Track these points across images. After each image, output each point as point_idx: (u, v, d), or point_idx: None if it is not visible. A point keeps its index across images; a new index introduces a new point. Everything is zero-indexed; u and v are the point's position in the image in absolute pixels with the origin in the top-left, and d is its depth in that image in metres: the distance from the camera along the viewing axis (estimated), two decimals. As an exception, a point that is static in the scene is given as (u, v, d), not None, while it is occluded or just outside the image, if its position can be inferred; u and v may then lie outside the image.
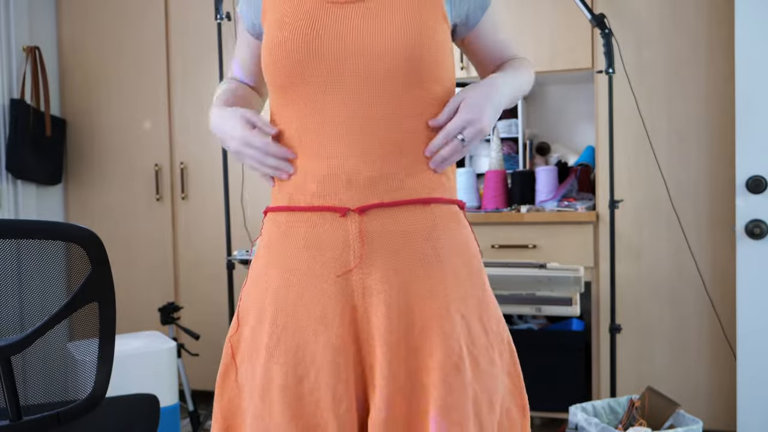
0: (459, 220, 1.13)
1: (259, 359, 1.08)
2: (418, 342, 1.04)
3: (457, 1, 1.14)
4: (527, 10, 2.85)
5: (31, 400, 1.40)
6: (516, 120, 3.06)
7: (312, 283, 1.06)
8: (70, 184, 3.44)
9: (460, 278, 1.08)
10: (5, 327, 1.32)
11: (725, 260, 2.59)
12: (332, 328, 1.04)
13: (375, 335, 1.04)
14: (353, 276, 1.05)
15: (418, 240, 1.06)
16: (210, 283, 3.24)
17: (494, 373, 1.08)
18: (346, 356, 1.04)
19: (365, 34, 1.05)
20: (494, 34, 1.23)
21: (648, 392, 2.28)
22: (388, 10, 1.06)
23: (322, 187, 1.06)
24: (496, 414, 1.08)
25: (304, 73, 1.07)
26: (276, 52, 1.08)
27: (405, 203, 1.06)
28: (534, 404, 2.82)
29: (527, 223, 2.78)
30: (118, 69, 3.35)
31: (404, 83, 1.05)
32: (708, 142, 2.61)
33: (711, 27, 2.59)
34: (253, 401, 1.08)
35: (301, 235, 1.08)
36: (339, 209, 1.06)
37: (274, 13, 1.12)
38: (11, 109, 3.11)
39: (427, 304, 1.05)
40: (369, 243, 1.05)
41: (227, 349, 1.15)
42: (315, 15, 1.07)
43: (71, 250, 1.31)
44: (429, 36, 1.06)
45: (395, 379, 1.02)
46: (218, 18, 2.65)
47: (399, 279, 1.05)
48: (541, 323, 2.99)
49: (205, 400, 3.35)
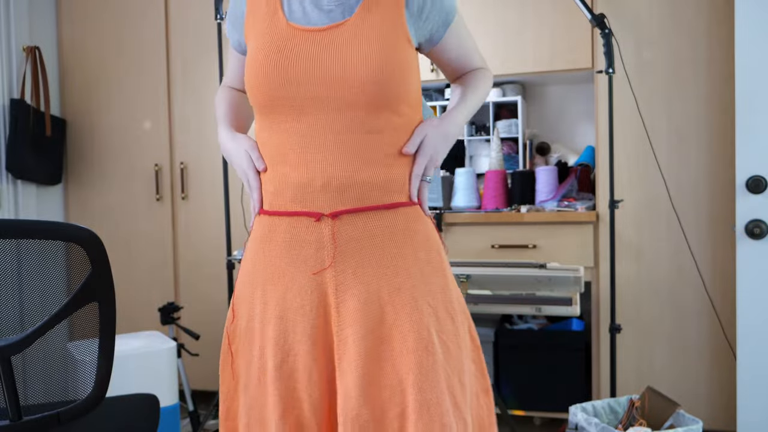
0: (421, 220, 1.25)
1: (254, 350, 1.22)
2: (388, 333, 1.16)
3: (420, 24, 1.24)
4: (527, 10, 2.85)
5: (31, 400, 1.40)
6: (516, 120, 3.06)
7: (293, 279, 1.20)
8: (70, 184, 3.44)
9: (425, 273, 1.21)
10: (5, 327, 1.32)
11: (725, 260, 2.59)
12: (309, 319, 1.18)
13: (346, 327, 1.16)
14: (327, 274, 1.18)
15: (385, 241, 1.19)
16: (210, 283, 3.24)
17: (461, 357, 1.21)
18: (319, 346, 1.18)
19: (333, 62, 1.16)
20: (458, 47, 1.34)
21: (648, 392, 2.28)
22: (355, 39, 1.17)
23: (300, 193, 1.19)
24: (467, 393, 1.20)
25: (278, 96, 1.18)
26: (252, 75, 1.21)
27: (373, 208, 1.19)
28: (534, 404, 2.82)
29: (527, 223, 2.78)
30: (118, 69, 3.35)
31: (372, 106, 1.17)
32: (708, 142, 2.61)
33: (711, 27, 2.59)
34: (248, 392, 1.22)
35: (281, 236, 1.22)
36: (314, 214, 1.18)
37: (254, 38, 1.24)
38: (11, 109, 3.11)
39: (397, 298, 1.17)
40: (341, 244, 1.18)
41: (225, 339, 1.29)
42: (287, 42, 1.19)
43: (71, 250, 1.31)
44: (394, 63, 1.18)
45: (365, 366, 1.14)
46: (218, 18, 2.65)
47: (369, 276, 1.17)
48: (541, 323, 2.99)
49: (205, 400, 3.35)
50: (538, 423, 3.00)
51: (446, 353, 1.17)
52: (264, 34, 1.22)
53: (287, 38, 1.19)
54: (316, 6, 1.21)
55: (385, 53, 1.17)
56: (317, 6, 1.21)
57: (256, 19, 1.25)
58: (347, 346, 1.15)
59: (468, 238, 2.85)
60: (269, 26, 1.22)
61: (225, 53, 3.13)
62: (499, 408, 2.49)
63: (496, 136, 2.98)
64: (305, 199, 1.19)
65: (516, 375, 2.84)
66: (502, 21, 2.89)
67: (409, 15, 1.22)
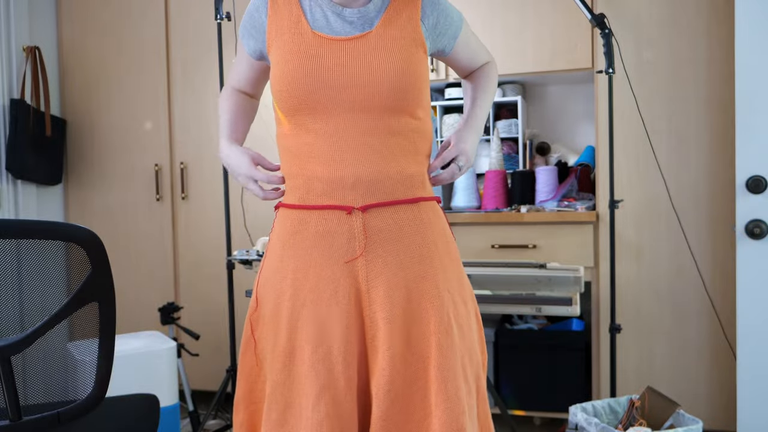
0: (438, 214, 1.38)
1: (281, 334, 1.30)
2: (416, 314, 1.29)
3: (435, 37, 1.39)
4: (527, 10, 2.85)
5: (31, 400, 1.40)
6: (516, 120, 3.06)
7: (326, 268, 1.29)
8: (70, 184, 3.44)
9: (444, 262, 1.34)
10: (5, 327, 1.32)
11: (725, 260, 2.59)
12: (342, 305, 1.28)
13: (377, 310, 1.27)
14: (358, 262, 1.29)
15: (410, 233, 1.32)
16: (210, 283, 3.24)
17: (472, 336, 1.37)
18: (352, 329, 1.28)
19: (361, 69, 1.28)
20: (466, 52, 1.49)
21: (648, 392, 2.28)
22: (379, 49, 1.29)
23: (331, 189, 1.29)
24: (474, 366, 1.36)
25: (310, 99, 1.28)
26: (285, 82, 1.29)
27: (399, 203, 1.31)
28: (534, 404, 2.82)
29: (527, 223, 2.78)
30: (118, 69, 3.35)
31: (394, 110, 1.29)
32: (708, 142, 2.61)
33: (711, 27, 2.59)
34: (274, 370, 1.30)
35: (312, 228, 1.31)
36: (346, 208, 1.29)
37: (280, 49, 1.33)
38: (11, 109, 3.11)
39: (421, 285, 1.30)
40: (371, 235, 1.29)
41: (248, 326, 1.38)
42: (316, 50, 1.29)
43: (71, 250, 1.31)
44: (414, 72, 1.30)
45: (395, 345, 1.26)
46: (218, 18, 2.65)
47: (396, 264, 1.29)
48: (541, 323, 2.99)
49: (205, 400, 3.35)
50: (538, 423, 3.00)
51: (461, 335, 1.32)
52: (291, 43, 1.31)
53: (315, 46, 1.30)
54: (339, 16, 1.32)
55: (407, 62, 1.29)
56: (340, 16, 1.32)
57: (281, 30, 1.34)
58: (378, 328, 1.27)
59: (468, 238, 2.85)
60: (295, 35, 1.32)
61: (225, 53, 3.13)
62: (499, 408, 2.49)
63: (496, 136, 2.98)
64: (336, 194, 1.29)
65: (516, 375, 2.84)
66: (502, 21, 2.89)
67: (425, 29, 1.36)
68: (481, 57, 1.53)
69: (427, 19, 1.36)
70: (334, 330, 1.27)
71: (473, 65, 1.53)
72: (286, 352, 1.29)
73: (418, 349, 1.28)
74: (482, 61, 1.54)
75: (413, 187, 1.33)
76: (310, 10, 1.34)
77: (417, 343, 1.28)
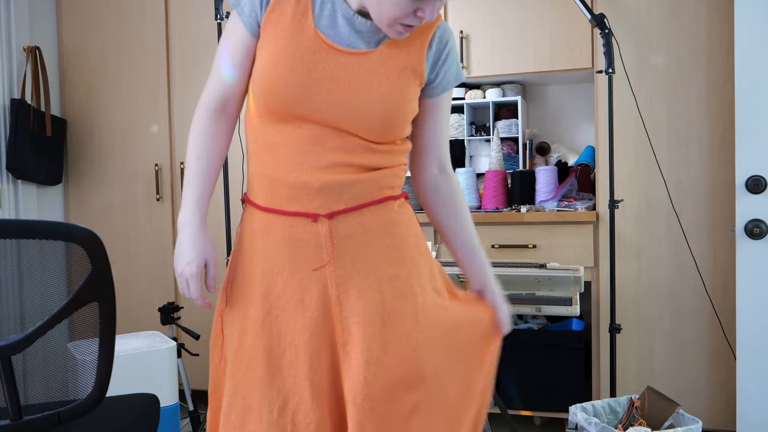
0: (405, 210, 1.33)
1: (246, 337, 1.27)
2: (391, 316, 1.25)
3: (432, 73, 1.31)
4: (527, 10, 2.85)
5: (32, 399, 1.40)
6: (516, 120, 3.06)
7: (294, 274, 1.25)
8: (70, 184, 3.44)
9: (414, 257, 1.31)
10: (5, 327, 1.32)
11: (725, 260, 2.59)
12: (309, 311, 1.24)
13: (349, 315, 1.24)
14: (326, 270, 1.24)
15: (379, 233, 1.27)
16: (210, 283, 3.24)
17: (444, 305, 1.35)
18: (320, 337, 1.24)
19: (353, 92, 1.21)
20: (437, 118, 1.37)
21: (648, 392, 2.28)
22: (377, 73, 1.23)
23: (296, 194, 1.23)
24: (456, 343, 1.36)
25: (292, 108, 1.21)
26: (269, 84, 1.21)
27: (365, 205, 1.26)
28: (534, 404, 2.82)
29: (527, 223, 2.78)
30: (118, 69, 3.35)
31: (375, 136, 1.24)
32: (708, 142, 2.61)
33: (711, 27, 2.59)
34: (237, 371, 1.27)
35: (279, 234, 1.26)
36: (311, 215, 1.23)
37: (275, 37, 1.23)
38: (11, 109, 3.11)
39: (394, 285, 1.26)
40: (338, 241, 1.24)
41: (218, 321, 1.35)
42: (312, 55, 1.21)
43: (71, 250, 1.31)
44: (406, 109, 1.26)
45: (370, 349, 1.22)
46: (218, 18, 2.66)
47: (367, 268, 1.25)
48: (541, 323, 2.99)
49: (205, 400, 3.35)
50: (538, 423, 3.00)
51: (435, 324, 1.30)
52: (289, 36, 1.22)
53: (313, 50, 1.21)
54: (349, 21, 1.24)
55: (402, 96, 1.24)
56: (350, 21, 1.23)
57: (284, 13, 1.23)
58: (351, 332, 1.23)
59: (468, 238, 2.85)
60: (296, 28, 1.22)
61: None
62: (499, 408, 2.49)
63: (496, 136, 2.98)
64: (301, 200, 1.23)
65: (516, 375, 2.84)
66: (502, 21, 2.89)
67: (427, 62, 1.29)
68: (441, 146, 1.39)
69: (431, 53, 1.29)
70: (300, 337, 1.24)
71: (430, 141, 1.38)
72: (250, 355, 1.26)
73: (397, 351, 1.24)
74: (440, 152, 1.39)
75: (381, 188, 1.27)
76: (320, 3, 1.24)
77: (395, 345, 1.24)
